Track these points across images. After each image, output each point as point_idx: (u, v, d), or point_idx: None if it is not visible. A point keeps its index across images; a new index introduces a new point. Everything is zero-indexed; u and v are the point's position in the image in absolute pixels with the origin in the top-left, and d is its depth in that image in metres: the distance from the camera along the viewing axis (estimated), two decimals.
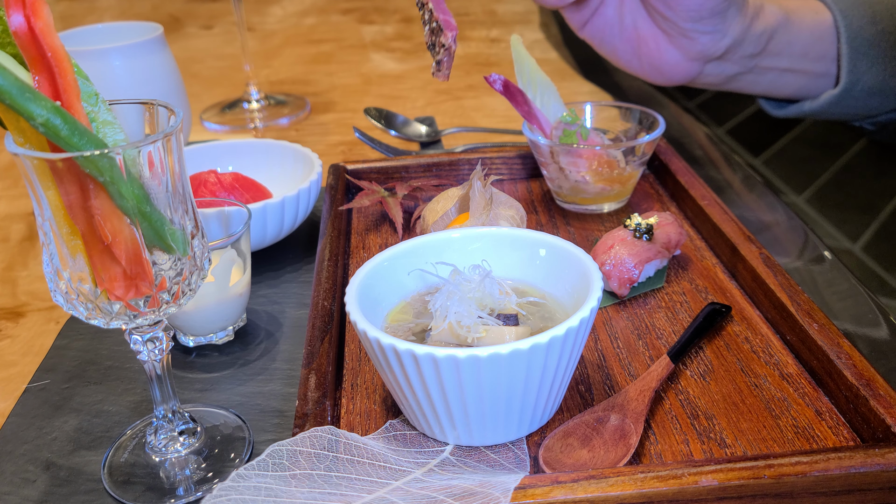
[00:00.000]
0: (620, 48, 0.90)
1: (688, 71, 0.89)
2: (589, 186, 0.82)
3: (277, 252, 0.84)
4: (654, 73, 0.90)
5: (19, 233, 0.94)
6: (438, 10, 0.67)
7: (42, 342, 0.73)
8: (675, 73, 0.89)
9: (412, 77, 1.43)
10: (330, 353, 0.61)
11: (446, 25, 0.66)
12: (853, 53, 0.90)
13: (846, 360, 0.56)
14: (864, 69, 0.91)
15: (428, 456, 0.53)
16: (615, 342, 0.65)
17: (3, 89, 0.40)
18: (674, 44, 0.86)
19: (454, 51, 0.66)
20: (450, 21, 0.66)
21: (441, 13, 0.67)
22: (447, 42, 0.65)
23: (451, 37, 0.65)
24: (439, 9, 0.67)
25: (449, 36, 0.65)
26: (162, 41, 1.00)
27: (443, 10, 0.67)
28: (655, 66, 0.89)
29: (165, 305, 0.50)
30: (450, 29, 0.66)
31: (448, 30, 0.66)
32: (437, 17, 0.66)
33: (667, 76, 0.90)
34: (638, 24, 0.88)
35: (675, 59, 0.88)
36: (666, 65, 0.88)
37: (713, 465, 0.47)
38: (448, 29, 0.66)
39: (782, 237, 0.85)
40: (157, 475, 0.56)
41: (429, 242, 0.62)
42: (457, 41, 0.66)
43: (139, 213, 0.46)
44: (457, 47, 0.66)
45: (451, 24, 0.66)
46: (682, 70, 0.89)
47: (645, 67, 0.90)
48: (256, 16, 1.92)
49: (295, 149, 0.90)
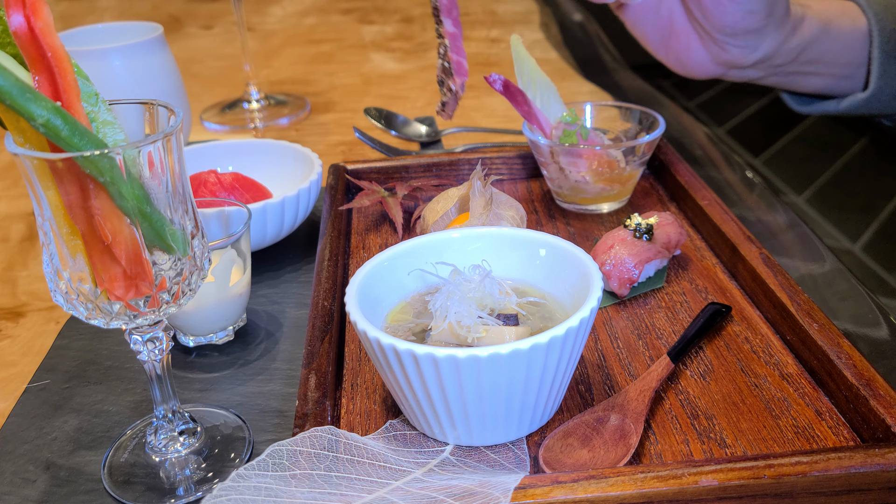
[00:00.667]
0: (651, 34, 0.89)
1: (711, 72, 0.89)
2: (589, 186, 0.82)
3: (277, 252, 0.84)
4: (678, 65, 0.90)
5: (19, 233, 0.94)
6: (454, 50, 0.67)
7: (42, 342, 0.73)
8: (698, 71, 0.89)
9: (412, 77, 1.43)
10: (330, 353, 0.61)
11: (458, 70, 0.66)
12: (884, 58, 0.90)
13: (846, 360, 0.56)
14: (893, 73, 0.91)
15: (428, 456, 0.53)
16: (615, 342, 0.65)
17: (4, 90, 0.40)
18: (704, 46, 0.86)
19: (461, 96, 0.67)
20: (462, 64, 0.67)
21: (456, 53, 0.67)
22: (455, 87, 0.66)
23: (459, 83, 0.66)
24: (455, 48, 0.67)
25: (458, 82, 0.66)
26: (162, 41, 1.00)
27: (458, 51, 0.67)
28: (681, 60, 0.89)
29: (165, 305, 0.50)
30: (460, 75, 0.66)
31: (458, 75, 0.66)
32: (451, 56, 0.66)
33: (689, 71, 0.90)
34: (674, 17, 0.87)
35: (701, 58, 0.87)
36: (691, 62, 0.88)
37: (713, 465, 0.47)
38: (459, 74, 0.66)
39: (782, 237, 0.85)
40: (157, 475, 0.56)
41: (429, 242, 0.62)
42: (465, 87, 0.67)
43: (139, 213, 0.46)
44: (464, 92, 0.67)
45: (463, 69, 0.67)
46: (705, 70, 0.89)
47: (670, 58, 0.90)
48: (256, 16, 1.92)
49: (295, 149, 0.90)
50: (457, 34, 0.68)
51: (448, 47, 0.67)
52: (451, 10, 0.69)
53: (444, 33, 0.68)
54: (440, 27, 0.69)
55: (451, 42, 0.68)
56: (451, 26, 0.68)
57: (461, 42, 0.69)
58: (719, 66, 0.87)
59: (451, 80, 0.66)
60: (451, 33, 0.68)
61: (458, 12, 0.69)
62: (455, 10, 0.69)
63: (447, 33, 0.68)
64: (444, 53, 0.68)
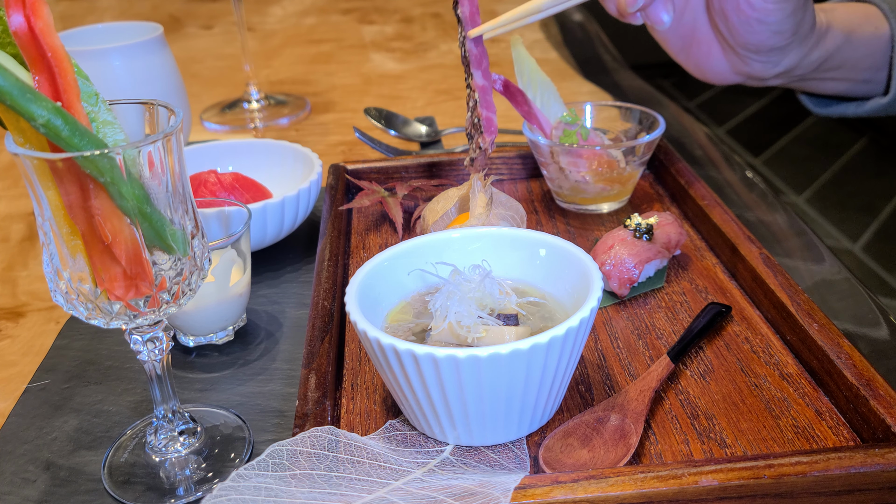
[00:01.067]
0: (672, 40, 0.88)
1: (730, 80, 0.88)
2: (589, 186, 0.82)
3: (277, 252, 0.84)
4: (696, 71, 0.90)
5: (19, 233, 0.94)
6: (484, 105, 0.65)
7: (42, 342, 0.73)
8: (716, 80, 0.89)
9: (412, 77, 1.43)
10: (330, 353, 0.61)
11: (487, 126, 0.65)
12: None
13: (846, 360, 0.56)
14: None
15: (428, 456, 0.53)
16: (615, 342, 0.65)
17: (5, 90, 0.40)
18: (725, 57, 0.85)
19: (490, 153, 0.66)
20: (492, 121, 0.65)
21: (486, 108, 0.65)
22: (485, 144, 0.65)
23: (489, 141, 0.65)
24: (485, 103, 0.65)
25: (487, 140, 0.65)
26: (162, 41, 1.00)
27: (488, 106, 0.65)
28: (700, 67, 0.88)
29: (165, 305, 0.50)
30: (490, 132, 0.65)
31: (488, 133, 0.65)
32: (480, 112, 0.65)
33: (707, 78, 0.89)
34: (697, 25, 0.86)
35: (721, 68, 0.87)
36: (711, 70, 0.87)
37: (713, 465, 0.47)
38: (488, 133, 0.65)
39: (782, 237, 0.85)
40: (157, 475, 0.56)
41: (429, 242, 0.62)
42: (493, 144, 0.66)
43: (139, 213, 0.46)
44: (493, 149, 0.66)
45: (493, 127, 0.65)
46: (724, 78, 0.88)
47: (689, 64, 0.90)
48: (256, 16, 1.92)
49: (295, 149, 0.90)
50: (487, 87, 0.66)
51: (478, 101, 0.65)
52: (482, 60, 0.67)
53: (475, 86, 0.66)
54: (470, 79, 0.66)
55: (481, 97, 0.65)
56: (481, 78, 0.66)
57: (491, 95, 0.66)
58: (738, 76, 0.87)
59: (481, 137, 0.65)
60: (482, 86, 0.66)
61: (487, 62, 0.67)
62: (485, 60, 0.67)
63: (477, 86, 0.66)
64: (473, 107, 0.66)
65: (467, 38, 0.66)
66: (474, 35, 0.66)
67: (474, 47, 0.66)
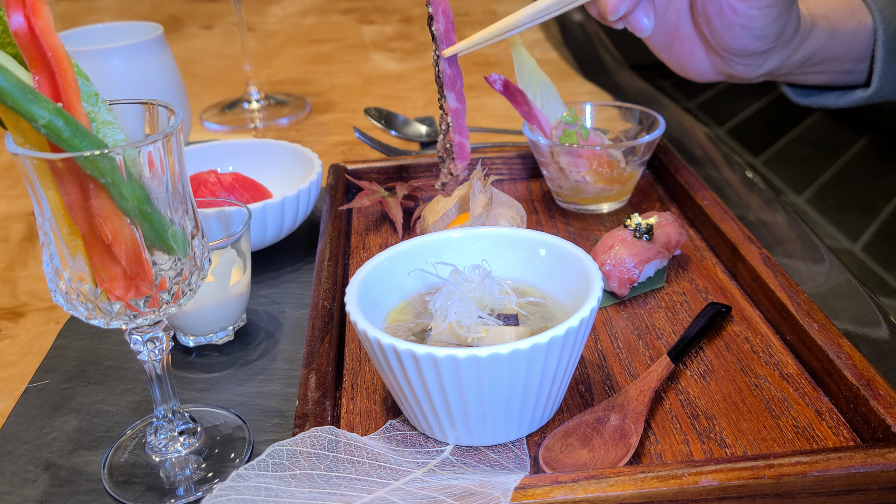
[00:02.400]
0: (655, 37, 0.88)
1: (712, 78, 0.88)
2: (589, 186, 0.82)
3: (277, 252, 0.84)
4: (678, 68, 0.89)
5: (19, 233, 0.94)
6: (456, 129, 0.63)
7: (42, 342, 0.73)
8: (698, 77, 0.88)
9: (412, 77, 1.43)
10: (330, 353, 0.61)
11: (459, 153, 0.62)
12: (888, 56, 0.89)
13: (846, 360, 0.56)
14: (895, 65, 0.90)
15: (428, 456, 0.53)
16: (615, 342, 0.65)
17: (6, 91, 0.40)
18: (708, 56, 0.85)
19: (461, 180, 0.64)
20: (464, 146, 0.62)
21: (458, 133, 0.63)
22: (456, 171, 0.63)
23: (461, 167, 0.63)
24: (457, 127, 0.63)
25: (460, 167, 0.63)
26: (162, 41, 1.00)
27: (460, 130, 0.63)
28: (682, 65, 0.88)
29: (165, 305, 0.50)
30: (462, 159, 0.62)
31: (460, 160, 0.62)
32: (451, 137, 0.63)
33: (690, 76, 0.89)
34: (681, 24, 0.85)
35: (703, 67, 0.86)
36: (692, 68, 0.87)
37: (713, 465, 0.47)
38: (460, 159, 0.62)
39: (782, 237, 0.85)
40: (157, 475, 0.56)
41: (429, 242, 0.62)
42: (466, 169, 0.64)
43: (140, 213, 0.46)
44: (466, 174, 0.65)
45: (465, 153, 0.62)
46: (706, 76, 0.88)
47: (672, 61, 0.89)
48: (256, 16, 1.92)
49: (295, 149, 0.90)
50: (460, 110, 0.64)
51: (450, 126, 0.63)
52: (456, 81, 0.65)
53: (447, 109, 0.63)
54: (443, 101, 0.64)
55: (453, 121, 0.63)
56: (455, 101, 0.64)
57: (464, 119, 0.64)
58: (721, 75, 0.87)
59: (453, 164, 0.63)
60: (454, 109, 0.63)
61: (461, 84, 0.65)
62: (459, 81, 0.65)
63: (450, 110, 0.63)
64: (445, 131, 0.64)
65: (441, 58, 0.63)
66: (448, 55, 0.63)
67: (448, 68, 0.64)
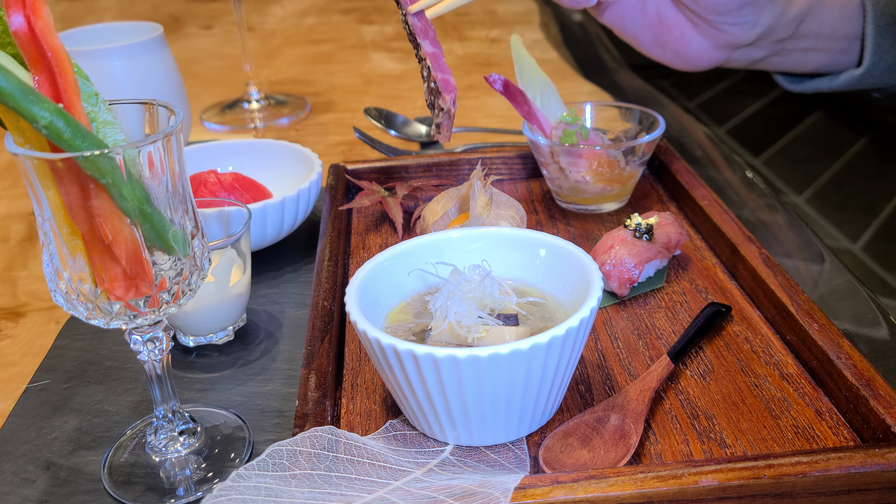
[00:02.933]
0: (642, 35, 0.86)
1: (714, 58, 0.86)
2: (589, 186, 0.82)
3: (277, 252, 0.84)
4: (678, 60, 0.87)
5: (19, 233, 0.94)
6: (437, 69, 0.64)
7: (42, 342, 0.73)
8: (700, 61, 0.86)
9: (412, 77, 1.43)
10: (330, 353, 0.61)
11: (445, 87, 0.64)
12: (878, 33, 0.88)
13: (846, 360, 0.56)
14: (887, 48, 0.88)
15: (428, 456, 0.53)
16: (615, 342, 0.65)
17: (7, 92, 0.40)
18: (700, 32, 0.83)
19: (454, 113, 0.65)
20: (449, 81, 0.64)
21: (440, 71, 0.64)
22: (446, 105, 0.64)
23: (450, 99, 0.64)
24: (438, 66, 0.64)
25: (448, 99, 0.64)
26: (162, 41, 1.00)
27: (441, 69, 0.64)
28: (679, 53, 0.86)
29: (165, 305, 0.50)
30: (448, 91, 0.64)
31: (447, 92, 0.64)
32: (435, 76, 0.64)
33: (691, 63, 0.87)
34: (662, 12, 0.84)
35: (701, 47, 0.84)
36: (691, 52, 0.85)
37: (713, 465, 0.47)
38: (447, 91, 0.64)
39: (782, 237, 0.85)
40: (157, 475, 0.56)
41: (429, 242, 0.62)
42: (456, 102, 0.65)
43: (140, 213, 0.46)
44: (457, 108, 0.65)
45: (450, 85, 0.64)
46: (707, 58, 0.86)
47: (668, 55, 0.87)
48: (256, 16, 1.92)
49: (295, 149, 0.90)
50: (437, 53, 0.66)
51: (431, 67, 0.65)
52: (427, 31, 0.67)
53: (424, 55, 0.66)
54: (419, 50, 0.66)
55: (432, 62, 0.65)
56: (430, 46, 0.66)
57: (443, 59, 0.66)
58: (721, 49, 0.84)
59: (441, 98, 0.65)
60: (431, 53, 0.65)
61: (434, 32, 0.67)
62: (430, 30, 0.67)
63: (427, 54, 0.66)
64: (427, 75, 0.65)
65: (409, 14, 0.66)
66: (415, 10, 0.66)
67: (417, 21, 0.66)
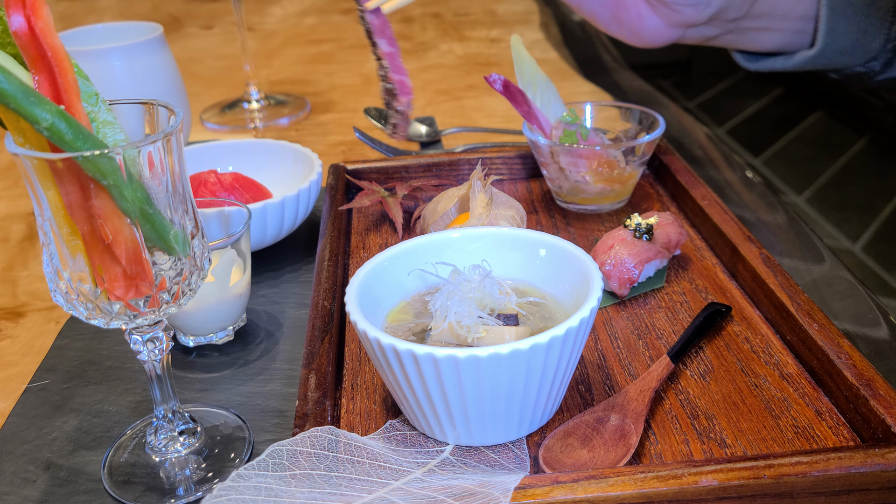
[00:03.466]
0: (599, 12, 0.88)
1: (668, 37, 0.88)
2: (589, 186, 0.82)
3: (277, 252, 0.84)
4: (633, 37, 0.89)
5: (19, 233, 0.94)
6: (394, 70, 0.64)
7: (42, 342, 0.73)
8: (655, 39, 0.88)
9: (412, 77, 1.42)
10: (330, 353, 0.61)
11: (401, 88, 0.64)
12: (832, 14, 0.89)
13: (846, 360, 0.56)
14: (841, 30, 0.90)
15: (428, 456, 0.53)
16: (615, 342, 0.65)
17: (9, 94, 0.40)
18: (656, 12, 0.85)
19: (409, 114, 0.66)
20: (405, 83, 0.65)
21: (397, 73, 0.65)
22: (402, 107, 0.64)
23: (405, 102, 0.64)
24: (395, 68, 0.65)
25: (404, 101, 0.64)
26: (162, 41, 1.00)
27: (398, 70, 0.65)
28: (635, 31, 0.88)
29: (165, 305, 0.50)
30: (404, 93, 0.64)
31: (403, 94, 0.64)
32: (392, 77, 0.65)
33: (646, 41, 0.89)
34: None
35: (655, 25, 0.86)
36: (646, 31, 0.87)
37: (713, 465, 0.47)
38: (403, 94, 0.64)
39: (782, 237, 0.85)
40: (157, 475, 0.56)
41: (429, 242, 0.62)
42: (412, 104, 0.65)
43: (142, 215, 0.46)
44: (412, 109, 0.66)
45: (406, 88, 0.65)
46: (662, 36, 0.88)
47: (624, 32, 0.89)
48: (256, 16, 1.92)
49: (295, 149, 0.90)
50: (394, 52, 0.66)
51: (388, 68, 0.65)
52: (384, 29, 0.67)
53: (381, 54, 0.66)
54: (376, 49, 0.66)
55: (389, 62, 0.65)
56: (387, 45, 0.66)
57: (400, 60, 0.66)
58: (675, 28, 0.86)
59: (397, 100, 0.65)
60: (388, 52, 0.66)
61: (391, 31, 0.67)
62: (388, 28, 0.67)
63: (384, 53, 0.66)
64: (384, 75, 0.65)
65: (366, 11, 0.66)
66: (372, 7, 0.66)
67: (375, 18, 0.66)
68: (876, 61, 0.93)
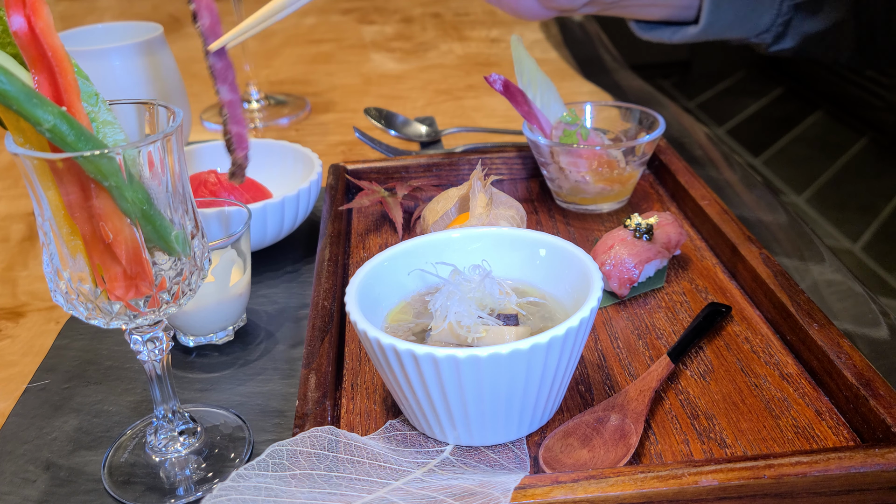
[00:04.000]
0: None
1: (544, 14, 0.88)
2: (589, 186, 0.82)
3: (277, 252, 0.84)
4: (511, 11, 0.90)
5: (19, 233, 0.94)
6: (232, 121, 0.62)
7: (42, 342, 0.73)
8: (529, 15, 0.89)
9: (412, 77, 1.43)
10: (330, 353, 0.61)
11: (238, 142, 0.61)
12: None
13: (846, 360, 0.56)
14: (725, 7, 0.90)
15: (428, 456, 0.53)
16: (615, 342, 0.65)
17: (10, 95, 0.40)
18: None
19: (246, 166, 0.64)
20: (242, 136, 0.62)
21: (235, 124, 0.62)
22: (238, 161, 0.63)
23: (242, 156, 0.63)
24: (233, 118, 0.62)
25: (240, 155, 0.63)
26: (162, 41, 1.00)
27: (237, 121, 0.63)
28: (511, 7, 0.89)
29: (165, 305, 0.50)
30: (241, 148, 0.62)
31: (240, 150, 0.62)
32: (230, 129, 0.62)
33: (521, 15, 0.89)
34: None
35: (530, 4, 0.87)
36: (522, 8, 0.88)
37: (713, 465, 0.47)
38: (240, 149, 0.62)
39: (782, 237, 0.85)
40: (157, 475, 0.56)
41: (429, 242, 0.62)
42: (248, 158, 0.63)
43: (142, 215, 0.46)
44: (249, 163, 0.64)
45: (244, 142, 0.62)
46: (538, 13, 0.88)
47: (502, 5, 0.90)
48: None
49: (295, 149, 0.90)
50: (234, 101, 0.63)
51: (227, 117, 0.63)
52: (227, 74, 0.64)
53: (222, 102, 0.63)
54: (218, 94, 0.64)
55: (229, 111, 0.63)
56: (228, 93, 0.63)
57: (240, 109, 0.64)
58: (549, 10, 0.87)
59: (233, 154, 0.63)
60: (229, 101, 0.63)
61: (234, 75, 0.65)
62: (231, 73, 0.65)
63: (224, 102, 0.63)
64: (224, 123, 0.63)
65: (209, 53, 0.64)
66: (216, 48, 0.63)
67: (218, 61, 0.64)
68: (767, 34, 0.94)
